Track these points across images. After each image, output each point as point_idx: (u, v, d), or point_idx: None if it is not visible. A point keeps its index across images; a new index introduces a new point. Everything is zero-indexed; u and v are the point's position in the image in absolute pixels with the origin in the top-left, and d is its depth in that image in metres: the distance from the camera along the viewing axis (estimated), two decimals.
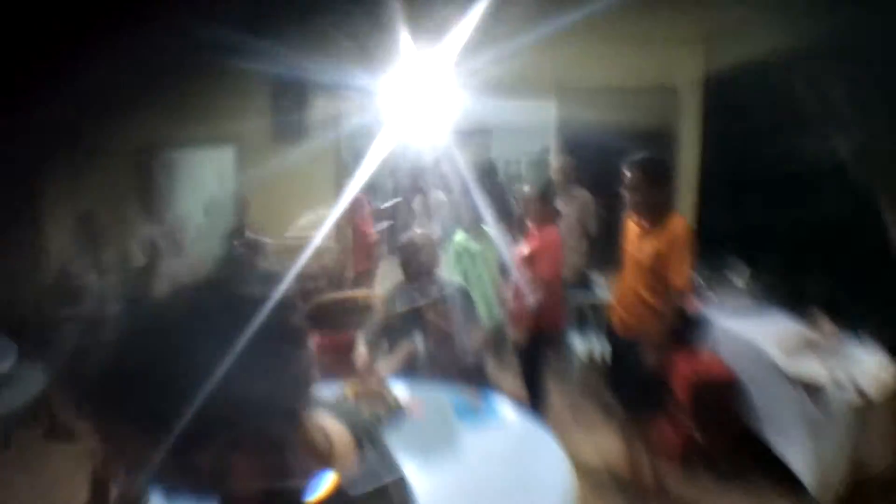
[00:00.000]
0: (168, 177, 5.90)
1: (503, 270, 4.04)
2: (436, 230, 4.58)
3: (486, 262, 3.92)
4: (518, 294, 3.74)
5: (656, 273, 2.99)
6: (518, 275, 3.74)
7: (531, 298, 3.60)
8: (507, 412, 2.57)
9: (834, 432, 2.86)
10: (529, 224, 3.87)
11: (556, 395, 4.16)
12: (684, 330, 3.16)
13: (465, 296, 3.24)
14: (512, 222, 5.59)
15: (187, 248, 4.73)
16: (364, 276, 5.72)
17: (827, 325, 3.33)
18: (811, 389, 2.99)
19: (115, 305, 4.19)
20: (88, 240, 4.35)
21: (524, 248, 3.75)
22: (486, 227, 4.10)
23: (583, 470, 3.53)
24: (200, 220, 5.57)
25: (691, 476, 3.53)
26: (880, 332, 3.23)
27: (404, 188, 9.79)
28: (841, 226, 3.40)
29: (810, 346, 3.23)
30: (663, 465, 3.20)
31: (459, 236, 4.01)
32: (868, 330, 3.29)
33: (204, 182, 6.13)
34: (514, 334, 3.81)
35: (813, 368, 3.07)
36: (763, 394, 3.38)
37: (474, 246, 3.93)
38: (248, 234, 5.03)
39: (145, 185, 5.65)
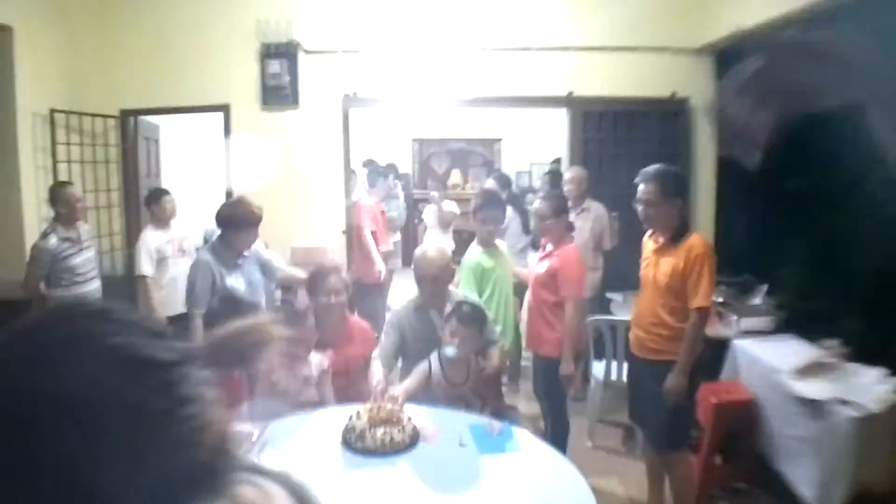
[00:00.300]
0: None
1: (519, 289, 3.97)
2: (449, 242, 4.53)
3: (499, 280, 3.77)
4: (537, 314, 3.70)
5: (675, 293, 2.92)
6: (538, 294, 3.69)
7: (551, 318, 3.56)
8: (525, 438, 2.52)
9: (836, 448, 2.82)
10: (546, 241, 3.83)
11: (575, 419, 4.09)
12: (705, 352, 3.07)
13: (481, 313, 3.18)
14: (528, 237, 5.55)
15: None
16: (378, 288, 5.68)
17: (836, 346, 3.28)
18: (814, 406, 2.95)
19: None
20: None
21: (542, 267, 3.71)
22: (499, 243, 4.04)
23: (605, 499, 3.51)
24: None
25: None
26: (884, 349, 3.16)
27: (414, 198, 9.85)
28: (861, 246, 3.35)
29: (818, 367, 3.17)
30: (686, 493, 3.11)
31: (473, 251, 3.87)
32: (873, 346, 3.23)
33: None
34: (535, 356, 3.76)
35: (818, 386, 3.03)
36: (772, 414, 3.32)
37: (488, 262, 3.78)
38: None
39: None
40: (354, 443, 2.39)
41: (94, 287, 4.15)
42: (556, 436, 3.73)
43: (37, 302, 4.03)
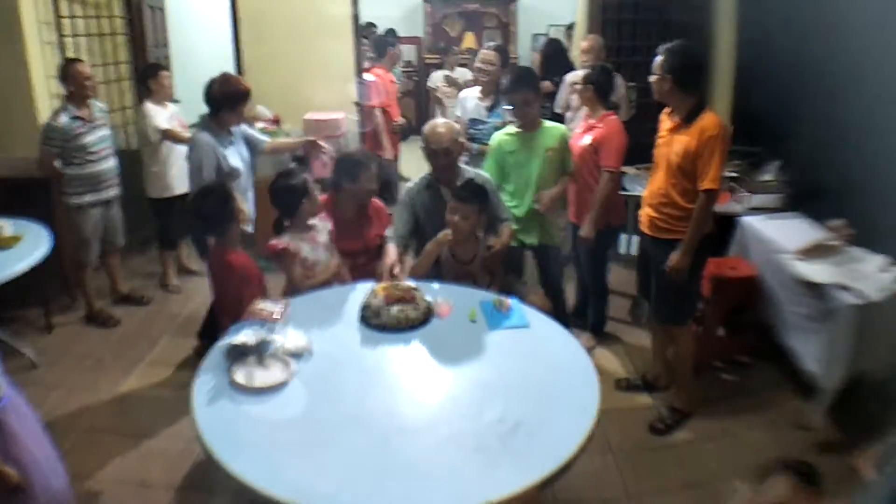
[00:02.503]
0: None
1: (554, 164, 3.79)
2: (462, 114, 4.42)
3: (521, 166, 3.56)
4: (582, 187, 3.72)
5: (685, 173, 2.91)
6: (580, 168, 3.67)
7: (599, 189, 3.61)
8: (533, 315, 2.62)
9: (837, 331, 2.89)
10: (587, 112, 3.78)
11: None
12: (713, 228, 3.09)
13: (483, 190, 3.17)
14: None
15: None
16: (390, 163, 5.67)
17: (842, 227, 3.28)
18: (818, 289, 3.01)
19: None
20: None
21: (586, 140, 3.67)
22: (549, 126, 3.67)
23: (608, 373, 3.68)
24: None
25: (713, 377, 3.65)
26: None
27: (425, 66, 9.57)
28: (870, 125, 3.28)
29: (822, 249, 3.20)
30: (686, 364, 3.25)
31: (503, 131, 3.68)
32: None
33: None
34: (576, 229, 3.81)
35: (820, 269, 3.07)
36: (778, 291, 3.40)
37: (509, 145, 3.59)
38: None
39: None
40: (371, 319, 2.50)
41: (109, 165, 4.16)
42: (597, 308, 3.98)
43: (53, 180, 4.09)
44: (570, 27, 7.79)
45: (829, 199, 3.62)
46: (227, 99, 3.46)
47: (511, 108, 3.57)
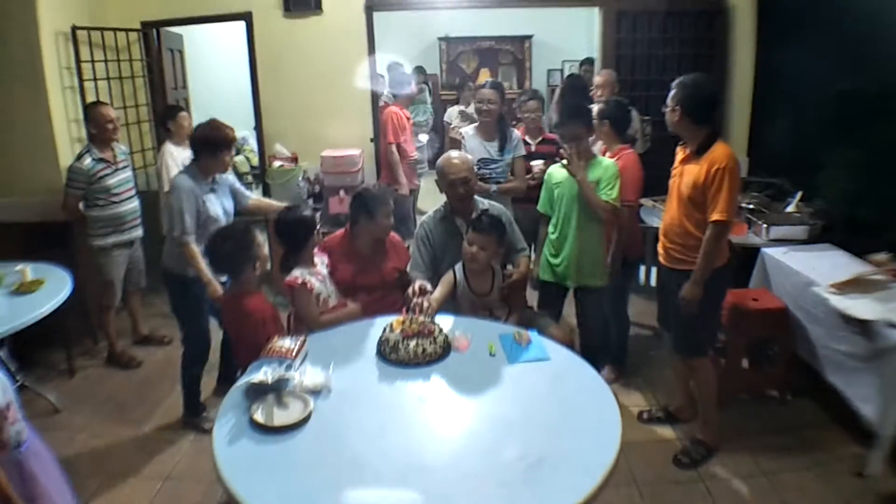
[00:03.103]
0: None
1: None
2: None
3: (565, 197, 3.47)
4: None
5: (696, 204, 2.90)
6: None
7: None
8: (552, 347, 2.60)
9: (892, 370, 2.76)
10: (603, 147, 3.80)
11: None
12: (731, 259, 3.06)
13: (499, 221, 3.17)
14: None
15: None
16: (405, 199, 5.69)
17: (887, 261, 3.21)
18: (864, 325, 2.91)
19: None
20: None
21: None
22: (600, 161, 3.61)
23: (630, 405, 3.64)
24: None
25: (744, 411, 3.56)
26: None
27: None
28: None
29: (860, 283, 3.12)
30: (707, 396, 3.20)
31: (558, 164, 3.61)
32: None
33: None
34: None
35: (862, 305, 2.98)
36: (817, 327, 3.29)
37: (557, 177, 3.53)
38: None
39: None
40: (388, 354, 2.49)
41: (132, 206, 4.23)
42: (618, 341, 3.95)
43: (76, 222, 4.16)
44: (583, 63, 7.83)
45: (862, 230, 3.56)
46: (208, 143, 3.38)
47: (560, 140, 3.52)
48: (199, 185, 3.39)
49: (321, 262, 3.14)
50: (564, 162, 3.46)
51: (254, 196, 3.86)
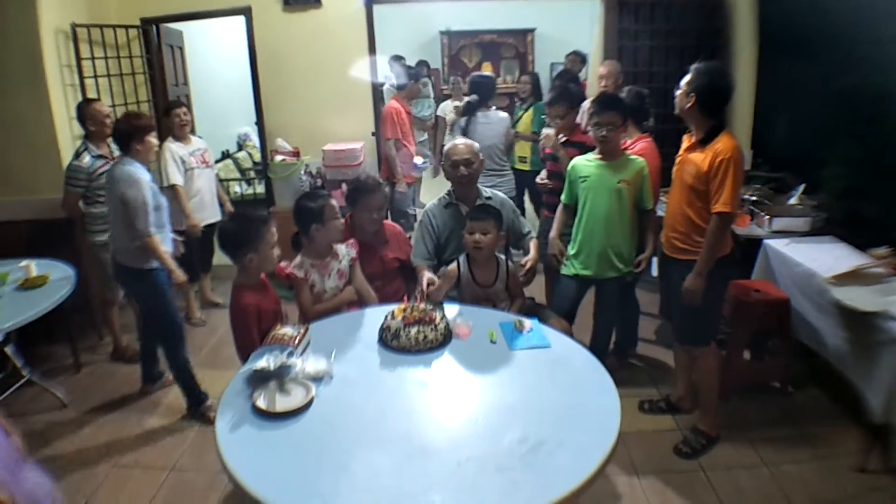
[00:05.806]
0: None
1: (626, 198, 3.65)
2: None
3: (591, 192, 3.37)
4: None
5: (698, 194, 2.89)
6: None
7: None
8: (553, 335, 2.60)
9: (891, 359, 2.75)
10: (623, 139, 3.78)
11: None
12: (734, 251, 3.06)
13: (511, 207, 3.18)
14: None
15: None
16: (403, 194, 5.71)
17: (888, 255, 3.21)
18: (864, 317, 2.90)
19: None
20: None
21: None
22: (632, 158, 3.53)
23: (632, 394, 3.62)
24: None
25: (745, 402, 3.55)
26: None
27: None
28: None
29: (859, 275, 3.13)
30: (709, 386, 3.20)
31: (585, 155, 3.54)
32: None
33: None
34: None
35: (861, 297, 2.98)
36: (815, 315, 3.30)
37: (584, 169, 3.42)
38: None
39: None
40: (390, 341, 2.51)
41: None
42: (620, 329, 3.92)
43: (77, 220, 4.18)
44: (568, 54, 7.69)
45: (864, 226, 3.55)
46: (137, 132, 3.42)
47: (595, 129, 3.36)
48: (150, 176, 3.48)
49: (346, 253, 3.11)
50: (591, 156, 3.44)
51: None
